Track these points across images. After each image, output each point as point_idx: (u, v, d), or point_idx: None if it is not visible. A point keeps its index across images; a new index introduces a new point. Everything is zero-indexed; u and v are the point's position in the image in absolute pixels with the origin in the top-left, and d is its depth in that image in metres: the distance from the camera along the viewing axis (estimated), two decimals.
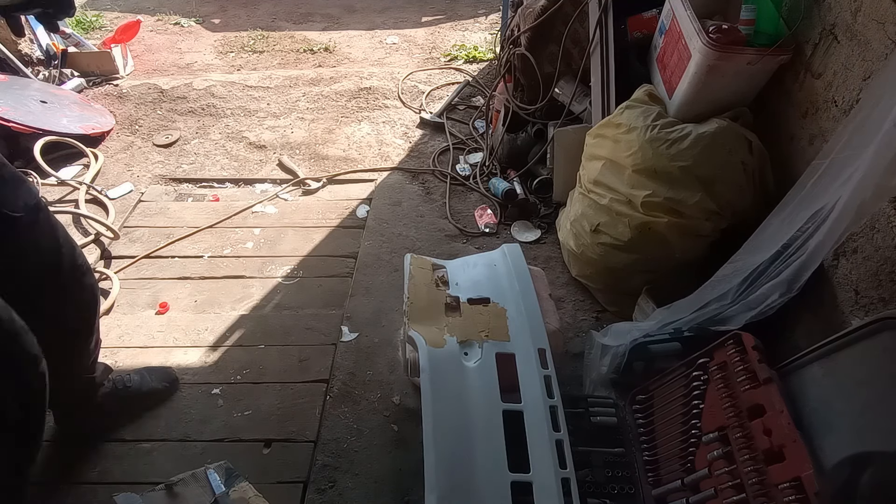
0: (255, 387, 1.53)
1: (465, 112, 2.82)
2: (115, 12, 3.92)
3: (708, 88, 1.46)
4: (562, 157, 1.99)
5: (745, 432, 1.03)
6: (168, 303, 1.77)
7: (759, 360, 1.07)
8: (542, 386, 1.18)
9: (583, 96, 2.02)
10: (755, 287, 1.20)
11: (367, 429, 1.43)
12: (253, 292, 1.82)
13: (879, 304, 1.07)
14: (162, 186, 2.32)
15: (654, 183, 1.48)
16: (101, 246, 1.98)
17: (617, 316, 1.72)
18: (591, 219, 1.66)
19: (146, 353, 1.62)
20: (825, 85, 1.31)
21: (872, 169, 0.90)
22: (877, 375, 0.90)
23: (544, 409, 1.14)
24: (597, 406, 1.35)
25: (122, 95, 2.84)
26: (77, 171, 2.36)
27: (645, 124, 1.51)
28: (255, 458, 1.36)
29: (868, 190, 0.91)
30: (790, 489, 0.90)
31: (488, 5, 4.01)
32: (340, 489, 1.31)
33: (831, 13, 1.30)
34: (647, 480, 1.21)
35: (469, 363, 1.22)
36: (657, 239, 1.51)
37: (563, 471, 1.06)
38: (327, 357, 1.60)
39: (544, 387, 1.18)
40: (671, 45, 1.57)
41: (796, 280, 1.10)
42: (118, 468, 1.34)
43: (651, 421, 1.29)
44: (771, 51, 1.38)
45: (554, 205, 2.14)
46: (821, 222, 1.04)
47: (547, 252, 2.00)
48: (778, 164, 1.50)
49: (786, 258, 1.14)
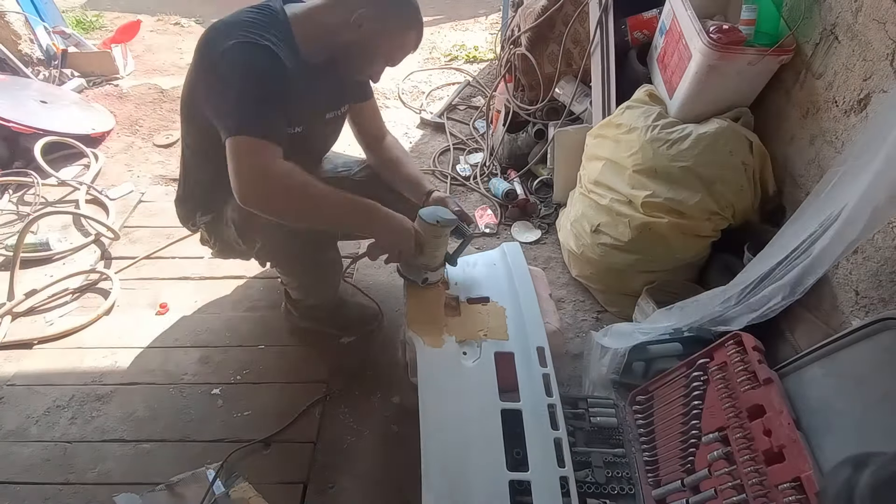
0: (254, 387, 1.53)
1: (465, 112, 2.82)
2: (115, 12, 3.92)
3: (708, 89, 1.45)
4: (562, 158, 1.99)
5: (745, 433, 1.03)
6: (168, 303, 1.77)
7: (759, 361, 1.07)
8: (540, 385, 1.18)
9: (583, 96, 2.02)
10: (759, 289, 1.19)
11: (367, 429, 1.43)
12: (253, 293, 1.82)
13: (880, 305, 1.07)
14: (162, 187, 2.32)
15: (654, 183, 1.48)
16: (102, 246, 1.98)
17: (617, 316, 1.72)
18: (591, 219, 1.66)
19: (146, 353, 1.62)
20: (826, 85, 1.31)
21: (885, 173, 0.89)
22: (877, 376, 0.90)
23: (543, 407, 1.14)
24: (596, 406, 1.35)
25: (123, 95, 2.84)
26: (77, 172, 2.36)
27: (645, 124, 1.51)
28: (255, 459, 1.36)
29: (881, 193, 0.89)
30: (790, 489, 0.90)
31: (489, 5, 4.01)
32: (340, 489, 1.31)
33: (832, 13, 1.30)
34: (647, 481, 1.21)
35: (468, 362, 1.22)
36: (657, 239, 1.51)
37: (561, 469, 1.06)
38: (327, 358, 1.60)
39: (543, 385, 1.18)
40: (672, 45, 1.57)
41: (800, 284, 1.09)
42: (118, 468, 1.34)
43: (651, 421, 1.29)
44: (772, 51, 1.38)
45: (554, 205, 2.14)
46: (828, 226, 1.04)
47: (547, 252, 2.00)
48: (779, 165, 1.50)
49: (790, 261, 1.14)
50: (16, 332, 1.68)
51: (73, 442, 1.39)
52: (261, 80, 1.05)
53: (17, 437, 1.40)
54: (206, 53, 1.09)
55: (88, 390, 1.51)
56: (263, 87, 1.05)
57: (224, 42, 1.04)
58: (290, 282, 1.48)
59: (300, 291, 1.52)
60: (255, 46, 1.05)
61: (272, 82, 1.07)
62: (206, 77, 1.10)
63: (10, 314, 1.70)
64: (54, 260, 1.93)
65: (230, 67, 1.04)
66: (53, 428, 1.42)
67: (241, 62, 1.04)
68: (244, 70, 1.04)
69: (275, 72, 1.07)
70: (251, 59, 1.04)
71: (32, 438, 1.40)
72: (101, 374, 1.56)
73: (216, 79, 1.07)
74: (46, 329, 1.68)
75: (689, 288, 1.58)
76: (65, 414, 1.45)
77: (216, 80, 1.07)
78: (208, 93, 1.11)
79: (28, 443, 1.39)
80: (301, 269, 1.40)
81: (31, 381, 1.54)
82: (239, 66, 1.04)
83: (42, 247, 1.91)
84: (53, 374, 1.56)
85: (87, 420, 1.44)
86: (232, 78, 1.04)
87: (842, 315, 1.16)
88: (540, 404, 1.15)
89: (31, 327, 1.70)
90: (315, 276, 1.44)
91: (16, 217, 2.09)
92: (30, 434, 1.41)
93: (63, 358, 1.60)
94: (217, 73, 1.06)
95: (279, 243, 1.27)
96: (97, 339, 1.66)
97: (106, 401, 1.49)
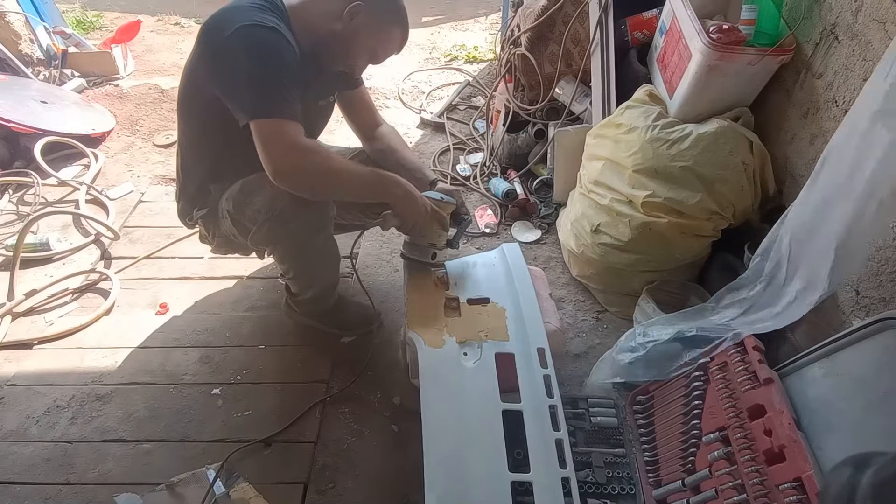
0: (255, 387, 1.53)
1: (465, 112, 2.82)
2: (116, 12, 3.92)
3: (708, 88, 1.45)
4: (562, 158, 1.99)
5: (745, 433, 1.03)
6: (168, 303, 1.77)
7: (759, 361, 1.07)
8: (541, 385, 1.18)
9: (583, 96, 2.02)
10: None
11: (367, 429, 1.43)
12: (253, 293, 1.82)
13: (880, 305, 1.07)
14: (162, 187, 2.32)
15: (654, 183, 1.48)
16: (102, 246, 1.98)
17: (617, 316, 1.72)
18: (591, 219, 1.66)
19: (146, 353, 1.62)
20: (826, 85, 1.31)
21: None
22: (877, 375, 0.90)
23: (544, 408, 1.14)
24: (597, 406, 1.35)
25: (123, 96, 2.84)
26: (77, 172, 2.36)
27: (645, 124, 1.51)
28: (255, 459, 1.36)
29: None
30: (791, 489, 0.90)
31: (489, 5, 4.01)
32: (341, 489, 1.31)
33: (832, 13, 1.30)
34: (647, 481, 1.21)
35: (468, 363, 1.22)
36: (658, 239, 1.50)
37: (563, 470, 1.06)
38: (327, 358, 1.60)
39: (544, 386, 1.18)
40: (672, 45, 1.57)
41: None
42: (118, 468, 1.34)
43: (651, 421, 1.29)
44: (772, 51, 1.38)
45: (554, 205, 2.14)
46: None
47: (547, 252, 2.00)
48: (779, 165, 1.50)
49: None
50: (16, 332, 1.68)
51: (74, 442, 1.39)
52: (280, 61, 1.07)
53: (17, 437, 1.40)
54: (210, 39, 1.09)
55: (88, 390, 1.51)
56: (283, 67, 1.07)
57: (229, 27, 1.04)
58: (287, 270, 1.48)
59: (298, 282, 1.51)
60: (265, 28, 1.05)
61: (289, 63, 1.08)
62: (213, 62, 1.10)
63: (10, 314, 1.70)
64: (54, 260, 1.93)
65: (244, 49, 1.05)
66: (54, 428, 1.42)
67: (256, 43, 1.05)
68: (261, 51, 1.05)
69: (289, 53, 1.08)
70: (266, 40, 1.05)
71: (32, 438, 1.40)
72: (101, 374, 1.55)
73: (227, 62, 1.07)
74: (46, 329, 1.68)
75: (690, 288, 1.58)
76: (65, 414, 1.45)
77: (227, 63, 1.07)
78: (217, 77, 1.10)
79: (28, 443, 1.39)
80: (295, 252, 1.39)
81: (31, 381, 1.54)
82: (255, 46, 1.05)
83: (42, 247, 1.91)
84: (53, 374, 1.55)
85: (87, 420, 1.44)
86: (247, 59, 1.05)
87: (842, 315, 1.16)
88: (541, 405, 1.15)
89: (31, 327, 1.69)
90: (310, 261, 1.44)
91: (16, 217, 2.09)
92: (30, 434, 1.41)
93: (63, 358, 1.60)
94: (227, 56, 1.06)
95: (272, 228, 1.28)
96: (97, 339, 1.66)
97: (106, 401, 1.49)
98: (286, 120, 1.06)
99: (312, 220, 1.30)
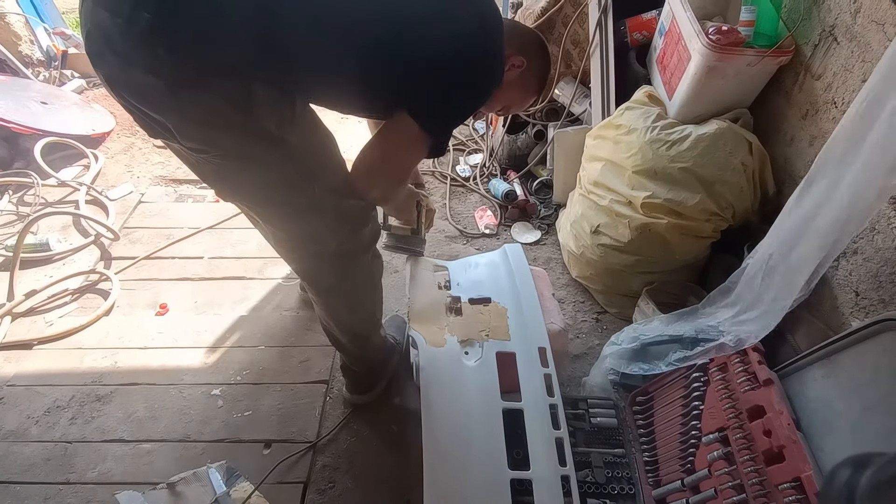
0: (255, 387, 1.53)
1: None
2: None
3: (708, 90, 1.46)
4: (562, 159, 1.99)
5: (745, 433, 1.03)
6: (168, 304, 1.77)
7: (759, 362, 1.08)
8: (542, 385, 1.18)
9: (583, 97, 2.03)
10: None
11: (367, 429, 1.44)
12: (253, 293, 1.83)
13: (880, 306, 1.07)
14: (162, 187, 2.32)
15: (654, 184, 1.48)
16: (102, 247, 1.99)
17: (617, 317, 1.73)
18: (591, 220, 1.66)
19: (146, 354, 1.62)
20: (825, 86, 1.31)
21: (871, 166, 0.90)
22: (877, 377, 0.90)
23: (544, 407, 1.14)
24: (597, 407, 1.35)
25: None
26: (77, 172, 2.36)
27: (645, 125, 1.51)
28: (255, 459, 1.36)
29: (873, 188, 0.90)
30: (790, 490, 0.90)
31: None
32: (341, 489, 1.31)
33: (831, 14, 1.30)
34: (647, 481, 1.21)
35: (469, 362, 1.22)
36: (657, 240, 1.51)
37: (562, 468, 1.06)
38: (327, 358, 1.60)
39: (544, 385, 1.18)
40: (671, 46, 1.58)
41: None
42: (118, 468, 1.34)
43: (651, 422, 1.29)
44: (771, 52, 1.38)
45: (554, 206, 2.15)
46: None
47: (547, 253, 2.00)
48: (778, 166, 1.50)
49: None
50: (16, 332, 1.68)
51: (74, 442, 1.39)
52: (478, 97, 1.02)
53: (17, 437, 1.40)
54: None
55: (88, 390, 1.51)
56: (475, 102, 1.03)
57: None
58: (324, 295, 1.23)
59: (343, 315, 1.28)
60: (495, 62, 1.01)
61: (479, 99, 1.04)
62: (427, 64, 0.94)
63: (9, 314, 1.70)
64: (54, 260, 1.93)
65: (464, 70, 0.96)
66: (54, 428, 1.42)
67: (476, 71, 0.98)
68: (472, 80, 0.98)
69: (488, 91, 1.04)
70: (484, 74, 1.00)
71: (33, 438, 1.40)
72: (100, 374, 1.56)
73: (443, 70, 0.94)
74: (46, 329, 1.68)
75: (689, 289, 1.59)
76: (65, 414, 1.45)
77: (443, 71, 0.94)
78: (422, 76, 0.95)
79: (28, 443, 1.39)
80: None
81: (31, 381, 1.54)
82: (472, 74, 0.98)
83: (42, 247, 1.91)
84: (53, 374, 1.55)
85: (87, 420, 1.44)
86: (459, 81, 0.97)
87: (842, 316, 1.17)
88: (541, 404, 1.15)
89: (31, 328, 1.69)
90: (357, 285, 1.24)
91: (16, 217, 2.09)
92: (30, 434, 1.41)
93: (63, 358, 1.60)
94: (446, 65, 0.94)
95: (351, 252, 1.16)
96: (97, 339, 1.66)
97: (106, 401, 1.49)
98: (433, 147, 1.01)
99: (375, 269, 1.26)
